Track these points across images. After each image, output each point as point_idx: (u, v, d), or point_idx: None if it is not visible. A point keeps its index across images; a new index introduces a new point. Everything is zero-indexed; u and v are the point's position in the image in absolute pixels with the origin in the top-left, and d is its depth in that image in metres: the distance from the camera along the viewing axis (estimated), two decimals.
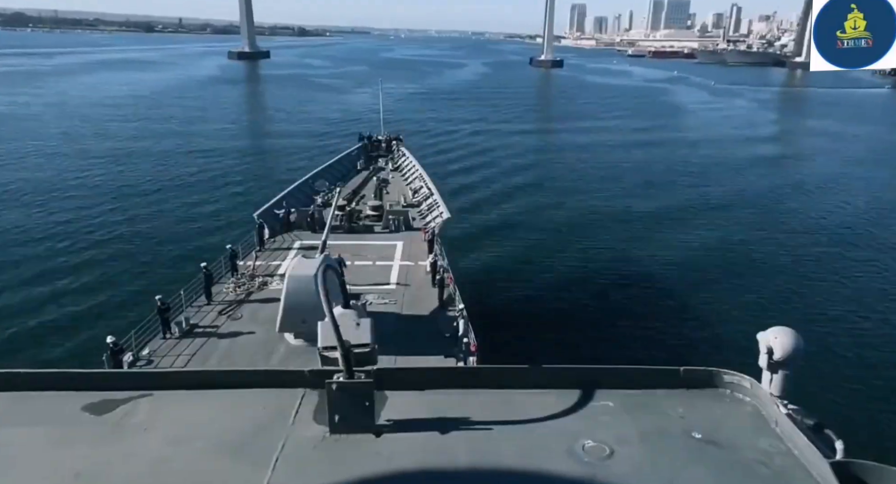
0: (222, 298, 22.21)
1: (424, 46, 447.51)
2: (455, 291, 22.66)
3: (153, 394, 5.21)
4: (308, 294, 16.96)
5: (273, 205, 30.70)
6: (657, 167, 66.64)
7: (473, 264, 35.13)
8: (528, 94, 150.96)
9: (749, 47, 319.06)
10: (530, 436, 4.64)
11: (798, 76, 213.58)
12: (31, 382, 5.27)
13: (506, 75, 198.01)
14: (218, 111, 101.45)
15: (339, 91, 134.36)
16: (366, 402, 4.67)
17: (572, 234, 42.89)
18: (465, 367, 15.18)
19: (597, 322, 29.63)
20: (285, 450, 4.47)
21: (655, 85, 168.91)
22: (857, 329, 29.58)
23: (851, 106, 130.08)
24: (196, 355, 18.24)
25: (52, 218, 41.77)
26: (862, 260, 39.13)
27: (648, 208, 49.87)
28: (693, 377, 5.42)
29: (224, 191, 50.85)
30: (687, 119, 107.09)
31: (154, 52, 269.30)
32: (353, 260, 25.58)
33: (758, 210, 50.51)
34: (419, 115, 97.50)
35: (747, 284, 34.50)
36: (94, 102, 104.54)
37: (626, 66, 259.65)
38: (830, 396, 22.66)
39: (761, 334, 5.44)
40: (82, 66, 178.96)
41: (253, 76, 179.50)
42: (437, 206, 32.07)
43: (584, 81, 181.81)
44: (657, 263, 37.75)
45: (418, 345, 18.28)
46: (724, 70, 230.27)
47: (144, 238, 38.60)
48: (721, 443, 4.61)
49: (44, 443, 4.54)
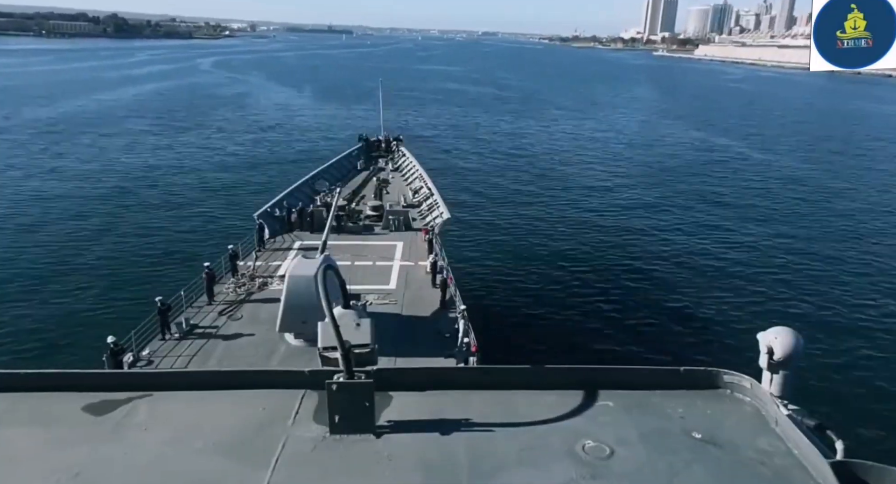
0: (222, 299, 22.21)
1: (422, 56, 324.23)
2: (455, 291, 22.63)
3: (153, 394, 5.21)
4: (308, 294, 16.95)
5: (273, 205, 30.70)
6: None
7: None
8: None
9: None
10: (530, 436, 4.64)
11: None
12: (31, 382, 5.27)
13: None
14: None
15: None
16: (366, 402, 4.67)
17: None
18: (465, 367, 15.17)
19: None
20: (285, 450, 4.47)
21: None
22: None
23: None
24: (196, 356, 18.23)
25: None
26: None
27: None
28: (693, 377, 5.42)
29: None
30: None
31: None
32: (354, 260, 25.59)
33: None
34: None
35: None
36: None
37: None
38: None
39: (761, 334, 5.44)
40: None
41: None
42: (437, 206, 32.04)
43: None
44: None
45: (418, 345, 18.29)
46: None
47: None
48: (721, 443, 4.61)
49: (44, 443, 4.54)
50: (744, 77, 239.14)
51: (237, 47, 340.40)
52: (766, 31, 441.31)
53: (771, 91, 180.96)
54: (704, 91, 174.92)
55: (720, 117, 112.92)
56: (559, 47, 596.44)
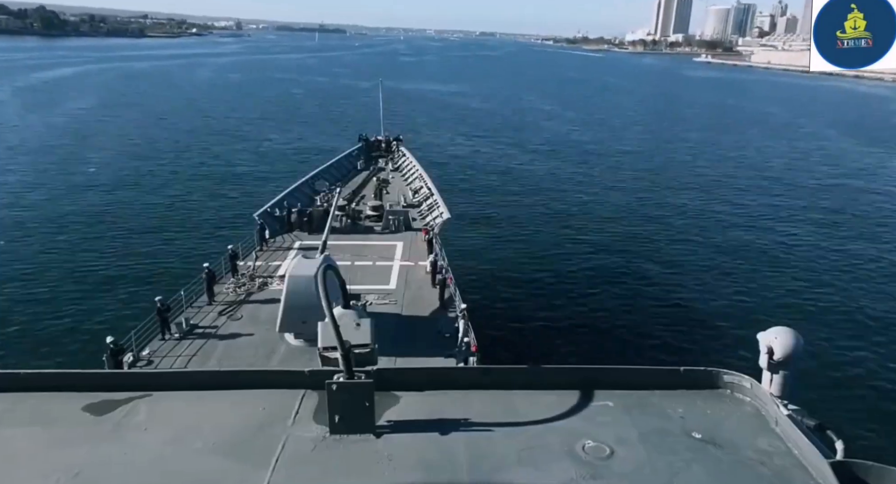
0: (222, 299, 22.20)
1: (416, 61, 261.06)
2: (455, 291, 22.63)
3: (153, 394, 5.21)
4: (308, 294, 16.94)
5: (273, 205, 30.70)
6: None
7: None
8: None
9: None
10: (530, 436, 4.64)
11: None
12: (31, 382, 5.28)
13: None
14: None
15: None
16: (366, 402, 4.67)
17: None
18: (465, 367, 15.17)
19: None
20: (285, 450, 4.47)
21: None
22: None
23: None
24: (196, 356, 18.22)
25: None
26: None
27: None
28: (693, 377, 5.42)
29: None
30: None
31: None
32: (354, 260, 25.58)
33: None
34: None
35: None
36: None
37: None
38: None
39: (761, 334, 5.45)
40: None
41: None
42: (437, 206, 32.03)
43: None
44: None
45: (418, 345, 18.28)
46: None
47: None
48: (721, 443, 4.61)
49: (44, 443, 4.55)
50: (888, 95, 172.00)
51: (169, 51, 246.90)
52: (783, 36, 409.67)
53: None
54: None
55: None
56: (568, 50, 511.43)
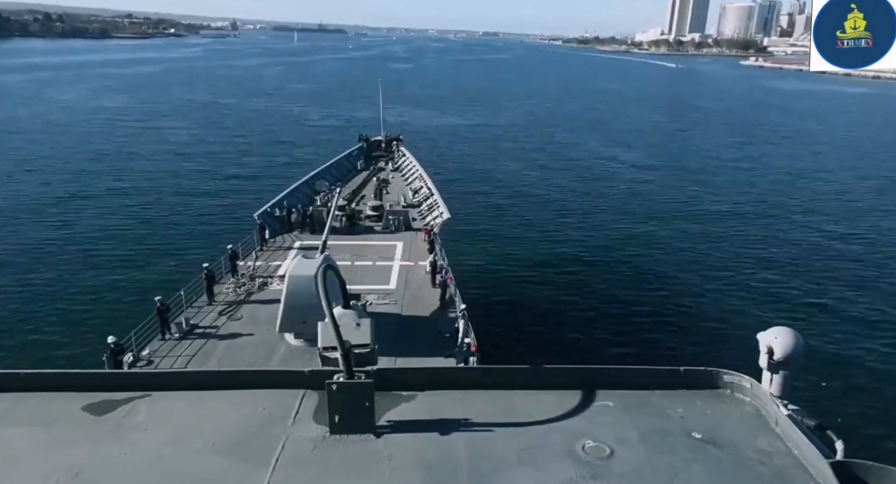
0: (222, 299, 22.21)
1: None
2: (455, 291, 22.63)
3: (153, 394, 5.22)
4: (308, 294, 16.94)
5: (273, 205, 30.70)
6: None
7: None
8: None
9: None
10: (530, 436, 4.64)
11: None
12: (31, 382, 5.28)
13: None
14: None
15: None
16: (366, 402, 4.67)
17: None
18: (465, 367, 15.16)
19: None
20: (285, 450, 4.47)
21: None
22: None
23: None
24: (196, 356, 18.22)
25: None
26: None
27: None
28: (693, 377, 5.43)
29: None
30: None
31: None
32: (354, 260, 25.58)
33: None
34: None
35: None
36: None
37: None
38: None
39: (762, 334, 5.45)
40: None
41: None
42: (438, 206, 32.03)
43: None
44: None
45: (418, 345, 18.28)
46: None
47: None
48: (721, 443, 4.61)
49: (44, 443, 4.55)
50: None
51: (101, 57, 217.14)
52: (804, 34, 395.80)
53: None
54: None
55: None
56: (581, 52, 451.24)
